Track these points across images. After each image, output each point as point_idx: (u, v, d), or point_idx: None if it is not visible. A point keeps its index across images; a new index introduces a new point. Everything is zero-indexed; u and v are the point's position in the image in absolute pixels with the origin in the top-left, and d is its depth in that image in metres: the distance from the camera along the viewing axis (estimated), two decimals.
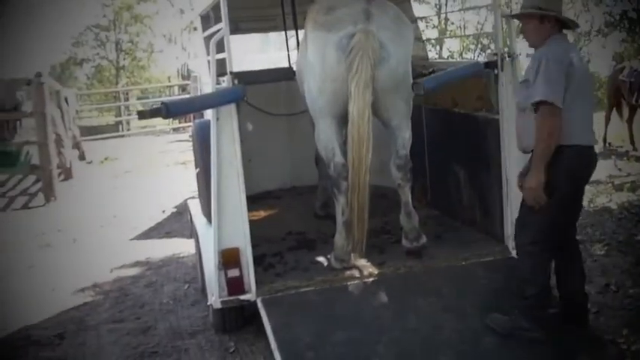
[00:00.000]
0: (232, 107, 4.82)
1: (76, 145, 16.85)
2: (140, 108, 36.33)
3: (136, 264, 8.25)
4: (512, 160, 5.24)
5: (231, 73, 4.80)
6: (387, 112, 5.27)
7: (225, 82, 4.84)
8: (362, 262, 5.26)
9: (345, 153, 5.11)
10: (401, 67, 5.21)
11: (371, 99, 4.90)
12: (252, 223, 5.04)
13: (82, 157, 17.08)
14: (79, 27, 44.47)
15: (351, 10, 5.07)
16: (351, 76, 4.85)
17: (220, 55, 4.88)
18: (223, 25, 4.77)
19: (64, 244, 9.48)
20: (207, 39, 5.44)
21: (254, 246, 4.97)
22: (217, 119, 4.79)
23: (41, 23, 44.20)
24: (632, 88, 12.19)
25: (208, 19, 6.61)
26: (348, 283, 5.04)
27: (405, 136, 5.36)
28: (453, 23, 39.80)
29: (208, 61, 5.17)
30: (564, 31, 4.50)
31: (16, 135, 14.31)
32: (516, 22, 4.94)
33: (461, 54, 38.14)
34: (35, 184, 13.24)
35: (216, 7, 5.40)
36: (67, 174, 14.40)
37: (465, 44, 38.83)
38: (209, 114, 5.34)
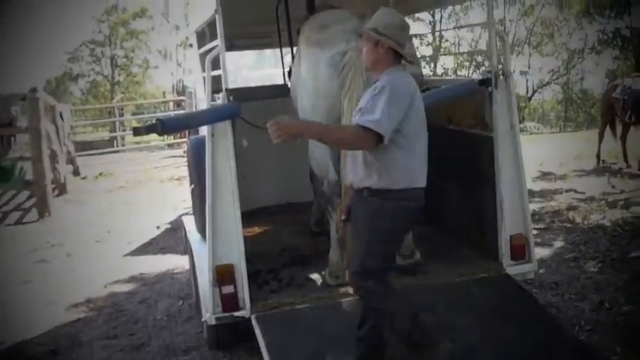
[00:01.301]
0: (227, 124, 4.83)
1: (71, 161, 16.85)
2: (135, 124, 36.36)
3: (130, 280, 8.23)
4: (507, 178, 5.26)
5: (226, 90, 4.81)
6: None
7: (221, 98, 4.86)
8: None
9: (338, 170, 5.12)
10: None
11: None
12: (247, 240, 5.03)
13: (76, 173, 17.07)
14: (74, 42, 44.60)
15: (343, 28, 5.10)
16: (344, 93, 4.87)
17: (216, 72, 4.90)
18: (219, 42, 4.79)
19: (58, 260, 9.45)
20: (203, 55, 5.46)
21: (248, 262, 4.97)
22: (212, 135, 4.80)
23: (37, 38, 44.32)
24: (626, 106, 12.23)
25: (204, 35, 6.64)
26: (343, 300, 5.03)
27: None
28: (447, 40, 40.06)
29: (204, 78, 5.19)
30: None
31: (10, 150, 14.33)
32: (511, 40, 4.96)
33: (455, 71, 38.37)
34: (29, 200, 13.23)
35: (211, 24, 5.43)
36: (61, 189, 14.38)
37: (459, 61, 39.07)
38: (204, 130, 5.35)
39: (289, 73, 6.55)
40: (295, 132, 3.96)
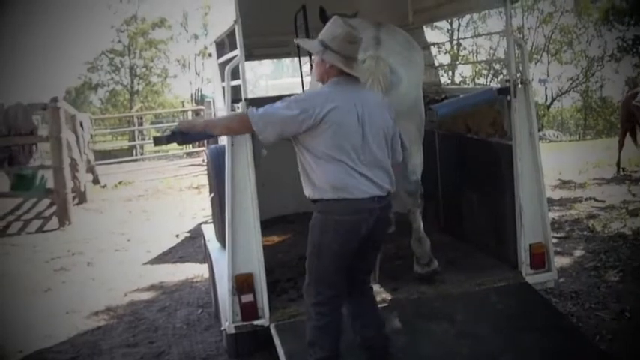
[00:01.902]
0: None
1: (91, 170, 16.97)
2: (154, 133, 36.61)
3: (150, 288, 8.27)
4: (526, 186, 5.25)
5: (245, 99, 4.84)
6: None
7: (240, 108, 4.88)
8: (375, 287, 5.24)
9: None
10: (412, 92, 5.24)
11: None
12: (266, 248, 5.05)
13: (96, 182, 17.18)
14: (94, 52, 45.11)
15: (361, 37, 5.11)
16: None
17: (235, 82, 4.93)
18: (238, 52, 4.82)
19: (79, 268, 9.51)
20: (222, 65, 5.49)
21: (267, 271, 4.98)
22: (232, 145, 4.82)
23: (57, 48, 44.76)
24: None
25: (223, 45, 6.68)
26: None
27: (415, 162, 5.38)
28: (465, 49, 40.03)
29: (223, 88, 5.22)
30: None
31: (31, 159, 14.44)
32: (529, 48, 4.96)
33: (473, 79, 38.32)
34: (49, 208, 13.34)
35: (231, 35, 5.46)
36: (81, 198, 14.49)
37: (477, 69, 38.99)
38: (224, 139, 5.38)
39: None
40: (183, 129, 4.45)
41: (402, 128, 5.13)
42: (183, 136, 4.54)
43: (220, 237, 6.01)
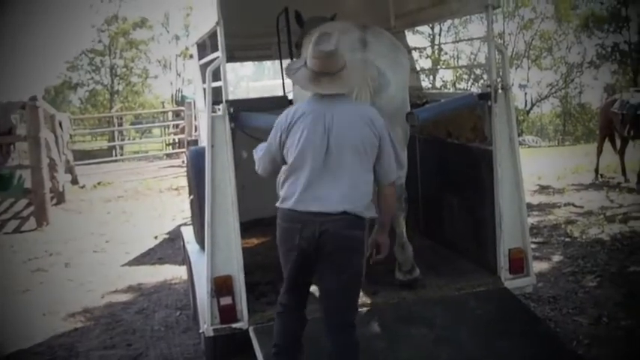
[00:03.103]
0: (227, 134, 4.84)
1: (69, 170, 16.85)
2: (134, 133, 36.42)
3: (128, 290, 8.22)
4: (505, 191, 5.27)
5: (226, 101, 4.82)
6: None
7: (221, 110, 4.86)
8: None
9: None
10: (399, 95, 5.23)
11: None
12: (245, 251, 5.02)
13: (74, 182, 17.06)
14: (74, 51, 44.80)
15: (347, 39, 5.09)
16: None
17: (216, 84, 4.90)
18: (220, 53, 4.80)
19: (56, 269, 9.44)
20: (204, 67, 5.46)
21: (246, 274, 4.96)
22: (212, 146, 4.80)
23: (37, 47, 44.43)
24: (624, 120, 12.27)
25: (204, 47, 6.65)
26: None
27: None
28: (446, 53, 40.27)
29: (204, 89, 5.19)
30: None
31: (9, 158, 14.32)
32: (510, 53, 4.98)
33: (454, 84, 38.53)
34: (27, 208, 13.21)
35: (212, 36, 5.43)
36: (59, 198, 14.38)
37: (458, 74, 39.21)
38: (204, 141, 5.35)
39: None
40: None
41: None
42: None
43: (199, 239, 5.98)
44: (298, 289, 4.25)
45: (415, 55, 9.29)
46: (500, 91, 5.28)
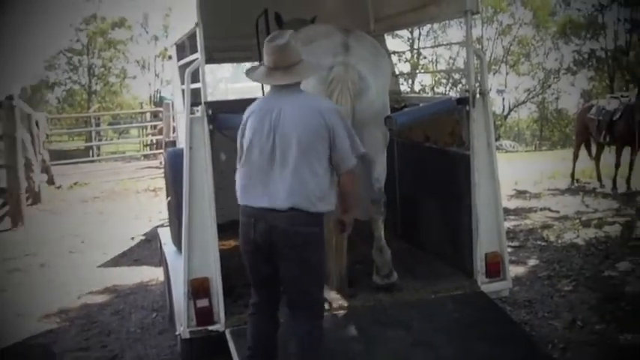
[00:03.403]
0: (206, 136, 4.82)
1: (46, 170, 16.69)
2: (111, 134, 36.17)
3: (104, 291, 8.16)
4: (482, 196, 5.30)
5: (205, 102, 4.81)
6: (365, 145, 5.18)
7: (200, 111, 4.85)
8: (332, 294, 5.25)
9: None
10: (379, 99, 5.26)
11: None
12: (223, 253, 5.02)
13: (51, 182, 16.90)
14: (51, 50, 44.35)
15: (329, 43, 5.11)
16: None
17: (194, 85, 4.89)
18: (199, 55, 4.79)
19: (32, 269, 9.35)
20: (182, 68, 5.45)
21: (224, 276, 4.95)
22: (190, 148, 4.79)
23: (13, 45, 43.95)
24: (600, 127, 12.39)
25: (183, 48, 6.63)
26: None
27: (379, 169, 5.38)
28: (425, 57, 40.38)
29: (183, 90, 5.18)
30: None
31: None
32: (488, 58, 5.01)
33: (432, 88, 38.67)
34: (2, 208, 13.07)
35: (191, 37, 5.42)
36: (35, 198, 14.24)
37: (436, 79, 39.37)
38: (182, 142, 5.33)
39: None
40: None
41: (369, 135, 5.14)
42: None
43: (176, 240, 5.96)
44: (265, 288, 4.29)
45: (394, 59, 9.33)
46: (478, 96, 5.32)
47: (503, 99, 40.65)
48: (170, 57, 7.89)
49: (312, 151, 4.01)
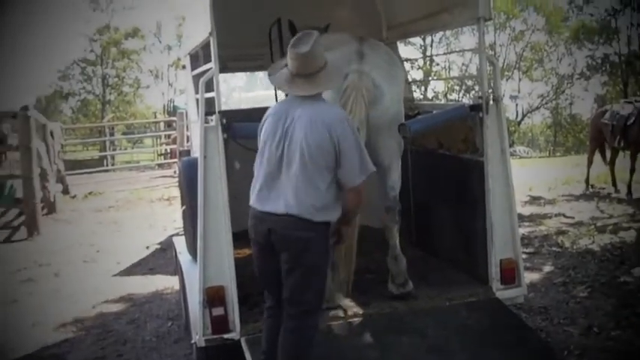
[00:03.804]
0: (220, 145, 4.84)
1: (60, 179, 16.80)
2: (125, 143, 36.36)
3: (119, 300, 8.20)
4: (497, 202, 5.29)
5: (219, 112, 4.83)
6: (379, 153, 5.21)
7: (214, 120, 4.87)
8: (346, 302, 5.24)
9: None
10: (394, 107, 5.26)
11: (364, 139, 4.92)
12: (237, 261, 5.02)
13: (65, 192, 17.01)
14: (66, 61, 44.73)
15: (344, 50, 5.12)
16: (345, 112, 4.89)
17: (208, 94, 4.92)
18: (213, 65, 4.81)
19: (47, 279, 9.40)
20: (196, 77, 5.47)
21: (239, 284, 4.96)
22: (205, 157, 4.81)
23: (28, 56, 44.33)
24: (614, 131, 12.34)
25: (197, 57, 6.67)
26: (333, 324, 5.02)
27: (394, 177, 5.37)
28: (437, 64, 40.35)
29: (197, 100, 5.20)
30: None
31: (0, 168, 14.27)
32: (501, 64, 5.01)
33: (445, 95, 38.63)
34: (18, 218, 13.17)
35: (205, 47, 5.45)
36: (50, 208, 14.33)
37: (449, 85, 39.33)
38: (196, 151, 5.36)
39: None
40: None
41: (383, 143, 5.16)
42: None
43: (192, 249, 5.98)
44: (274, 289, 4.31)
45: (407, 66, 9.33)
46: (491, 102, 5.31)
47: (517, 105, 40.57)
48: (184, 66, 7.93)
49: (315, 165, 4.03)
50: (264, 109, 4.49)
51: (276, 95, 7.31)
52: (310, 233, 4.06)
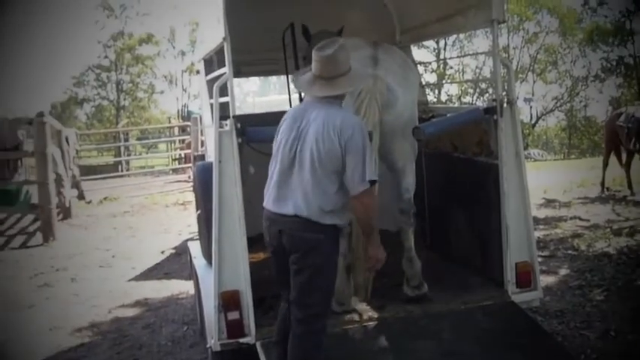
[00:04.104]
0: (235, 150, 4.85)
1: (76, 185, 16.90)
2: (140, 148, 36.52)
3: (135, 305, 8.23)
4: (512, 205, 5.27)
5: (234, 117, 4.84)
6: (393, 156, 5.27)
7: (228, 125, 4.88)
8: (362, 305, 5.24)
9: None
10: (407, 110, 5.26)
11: (378, 143, 4.93)
12: (252, 265, 5.02)
13: (81, 197, 17.11)
14: (80, 67, 45.15)
15: (358, 55, 5.13)
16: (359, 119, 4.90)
17: (222, 99, 4.93)
18: (227, 69, 4.83)
19: (62, 284, 9.45)
20: (211, 82, 5.49)
21: (254, 288, 4.96)
22: (219, 162, 4.82)
23: (43, 62, 44.67)
24: (630, 134, 12.26)
25: (211, 62, 6.69)
26: (349, 327, 5.02)
27: (409, 180, 5.38)
28: (451, 67, 40.30)
29: (211, 105, 5.22)
30: None
31: (16, 174, 14.36)
32: (514, 67, 4.99)
33: (459, 97, 38.56)
34: (34, 223, 13.25)
35: (219, 52, 5.47)
36: (66, 213, 14.41)
37: (463, 88, 39.27)
38: (211, 156, 5.37)
39: (300, 99, 6.59)
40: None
41: (397, 147, 5.18)
42: None
43: (207, 254, 5.99)
44: (285, 288, 4.37)
45: (420, 69, 9.32)
46: (505, 105, 5.30)
47: (531, 107, 40.51)
48: (198, 72, 7.96)
49: (324, 169, 4.07)
50: (277, 114, 4.51)
51: (290, 100, 7.32)
52: (319, 235, 4.09)
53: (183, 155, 23.70)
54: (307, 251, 4.10)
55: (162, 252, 10.97)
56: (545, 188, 14.29)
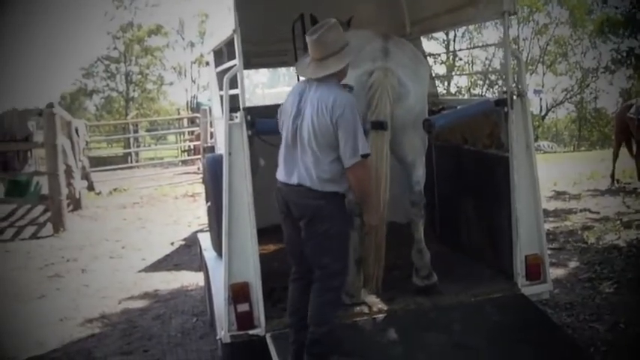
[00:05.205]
0: (245, 142, 4.85)
1: (85, 176, 16.94)
2: (149, 140, 36.59)
3: (145, 296, 8.26)
4: (522, 198, 5.26)
5: (244, 109, 4.84)
6: (403, 149, 5.27)
7: (238, 117, 4.88)
8: (372, 298, 5.24)
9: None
10: (418, 104, 5.25)
11: (389, 136, 4.93)
12: (262, 257, 5.03)
13: (90, 188, 17.15)
14: (89, 58, 45.18)
15: (369, 48, 5.12)
16: (370, 112, 4.89)
17: (233, 91, 4.93)
18: (237, 61, 4.82)
19: (73, 275, 9.50)
20: (221, 74, 5.49)
21: (263, 280, 4.97)
22: (229, 154, 4.82)
23: (52, 54, 44.76)
24: None
25: (221, 54, 6.68)
26: (358, 319, 5.03)
27: (419, 172, 5.38)
28: (461, 59, 40.13)
29: (221, 97, 5.22)
30: None
31: (26, 165, 14.43)
32: (524, 59, 4.97)
33: (469, 89, 38.44)
34: (44, 214, 13.31)
35: (229, 43, 5.46)
36: (75, 204, 14.46)
37: (472, 80, 39.13)
38: (221, 148, 5.37)
39: None
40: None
41: (407, 140, 5.19)
42: None
43: (216, 246, 6.00)
44: (297, 255, 4.63)
45: (430, 60, 9.29)
46: (516, 97, 5.28)
47: (541, 99, 40.27)
48: (207, 63, 7.96)
49: (319, 144, 4.35)
50: None
51: None
52: (320, 201, 4.38)
53: (192, 147, 23.74)
54: (312, 218, 4.40)
55: (172, 243, 11.00)
56: (555, 180, 14.25)
